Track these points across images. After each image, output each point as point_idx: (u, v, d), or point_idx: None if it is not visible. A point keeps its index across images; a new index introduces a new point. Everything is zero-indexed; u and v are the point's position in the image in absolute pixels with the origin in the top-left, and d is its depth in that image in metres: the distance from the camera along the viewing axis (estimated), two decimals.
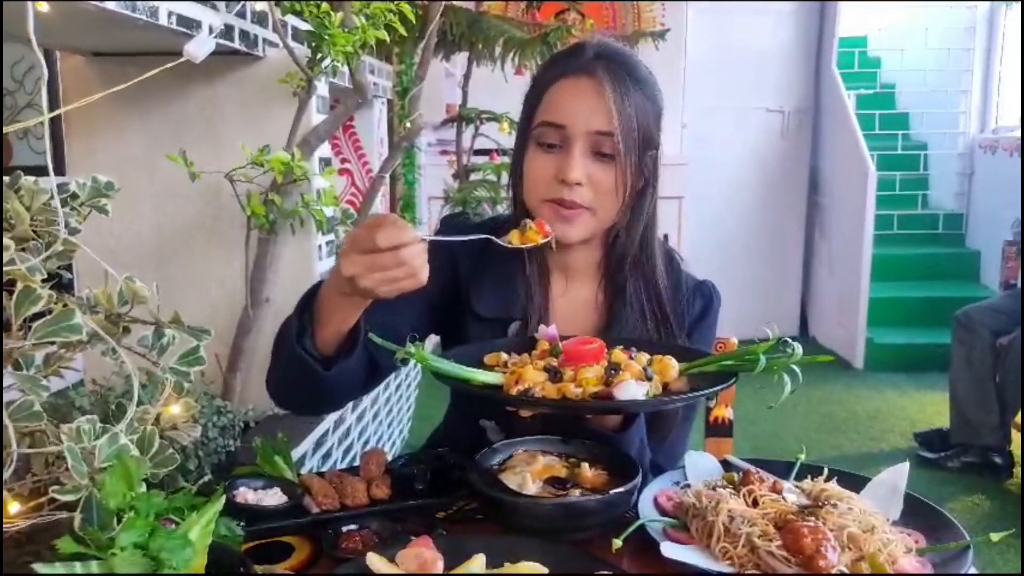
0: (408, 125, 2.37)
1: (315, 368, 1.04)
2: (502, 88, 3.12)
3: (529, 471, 1.05)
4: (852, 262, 5.03)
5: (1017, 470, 3.35)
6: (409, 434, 3.42)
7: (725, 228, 5.48)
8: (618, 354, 1.04)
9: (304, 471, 1.84)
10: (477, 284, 1.23)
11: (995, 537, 0.96)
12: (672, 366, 1.01)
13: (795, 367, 0.96)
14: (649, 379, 0.97)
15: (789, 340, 0.98)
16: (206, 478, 1.03)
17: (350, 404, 2.25)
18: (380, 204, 3.26)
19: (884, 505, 1.03)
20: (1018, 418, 3.37)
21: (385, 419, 2.89)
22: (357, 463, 1.15)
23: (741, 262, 5.47)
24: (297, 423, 1.83)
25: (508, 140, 3.54)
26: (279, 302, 1.80)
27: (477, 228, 1.29)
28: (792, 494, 1.02)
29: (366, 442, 2.47)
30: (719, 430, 1.60)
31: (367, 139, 3.13)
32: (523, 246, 1.08)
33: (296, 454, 1.76)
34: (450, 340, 1.29)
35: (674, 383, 1.00)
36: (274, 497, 1.02)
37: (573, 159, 1.12)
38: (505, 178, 3.89)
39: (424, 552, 0.86)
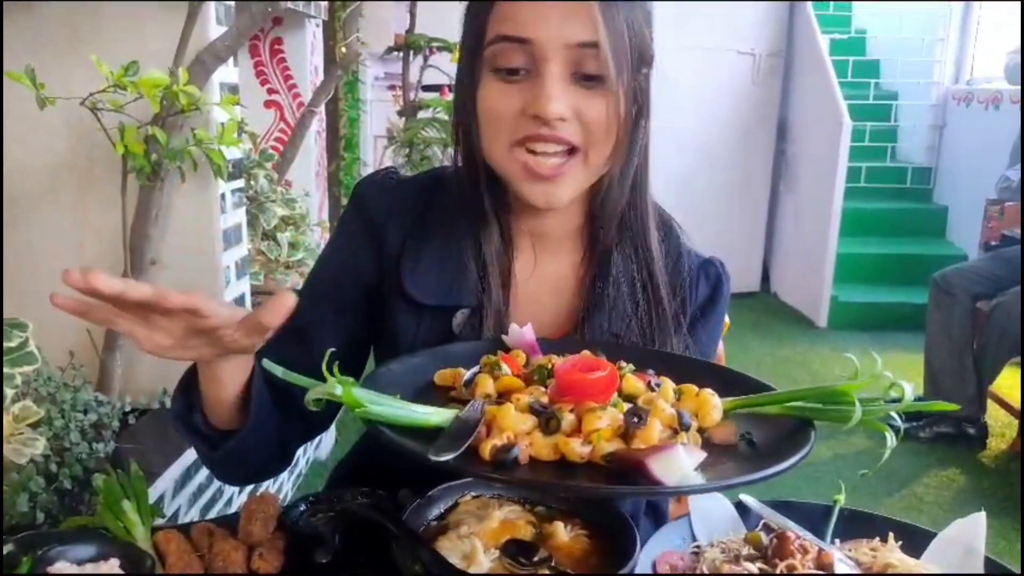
0: (343, 50, 1.99)
1: (203, 450, 0.86)
2: (454, 11, 2.73)
3: (480, 533, 0.74)
4: (820, 216, 4.79)
5: (991, 441, 3.20)
6: None
7: (686, 178, 5.12)
8: (632, 382, 0.71)
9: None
10: (412, 257, 0.90)
11: None
12: (713, 406, 0.69)
13: (896, 415, 0.67)
14: (685, 429, 0.65)
15: (899, 383, 0.68)
16: (7, 549, 0.70)
17: None
18: (315, 142, 2.88)
19: None
20: (994, 387, 3.21)
21: None
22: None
23: (701, 214, 5.14)
24: None
25: None
26: (172, 265, 1.44)
27: (411, 186, 0.97)
28: (845, 567, 0.74)
29: None
30: None
31: (298, 68, 2.73)
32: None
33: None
34: (375, 338, 0.97)
35: (716, 430, 0.68)
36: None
37: (549, 85, 0.79)
38: None
39: None
